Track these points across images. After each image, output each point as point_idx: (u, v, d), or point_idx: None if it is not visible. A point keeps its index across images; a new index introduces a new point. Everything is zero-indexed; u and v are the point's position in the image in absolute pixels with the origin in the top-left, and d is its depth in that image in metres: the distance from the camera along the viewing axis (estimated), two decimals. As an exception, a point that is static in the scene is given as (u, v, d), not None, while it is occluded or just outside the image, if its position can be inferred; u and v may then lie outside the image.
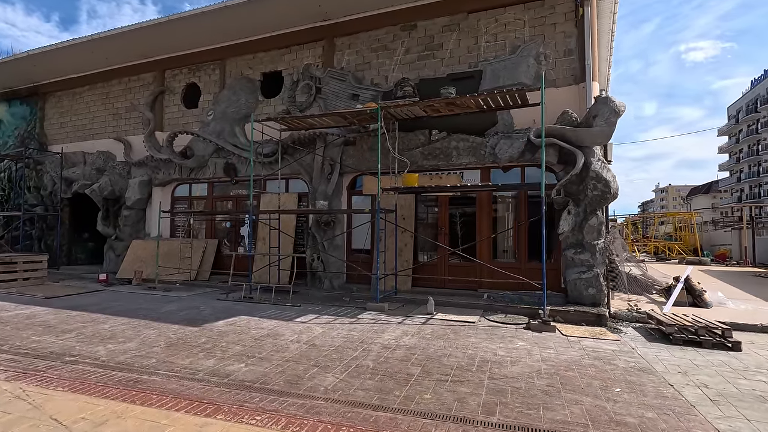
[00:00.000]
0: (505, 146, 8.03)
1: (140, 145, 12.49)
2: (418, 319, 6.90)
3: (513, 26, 8.60)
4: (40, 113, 14.59)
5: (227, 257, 11.32)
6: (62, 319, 6.72)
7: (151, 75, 12.55)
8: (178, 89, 12.16)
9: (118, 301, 8.33)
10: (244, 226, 11.14)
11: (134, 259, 11.49)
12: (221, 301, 8.42)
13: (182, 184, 12.05)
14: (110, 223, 12.54)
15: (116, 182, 12.52)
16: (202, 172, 11.26)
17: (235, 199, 11.33)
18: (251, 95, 10.94)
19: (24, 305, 7.90)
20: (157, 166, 11.83)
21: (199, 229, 11.86)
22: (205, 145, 10.93)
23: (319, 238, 9.64)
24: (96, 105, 13.49)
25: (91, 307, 7.76)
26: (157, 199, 12.14)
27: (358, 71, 9.86)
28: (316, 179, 9.84)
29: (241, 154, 10.44)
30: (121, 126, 12.97)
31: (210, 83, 11.68)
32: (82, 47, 11.75)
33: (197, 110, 11.80)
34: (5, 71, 13.70)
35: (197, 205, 11.94)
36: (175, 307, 7.82)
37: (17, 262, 10.09)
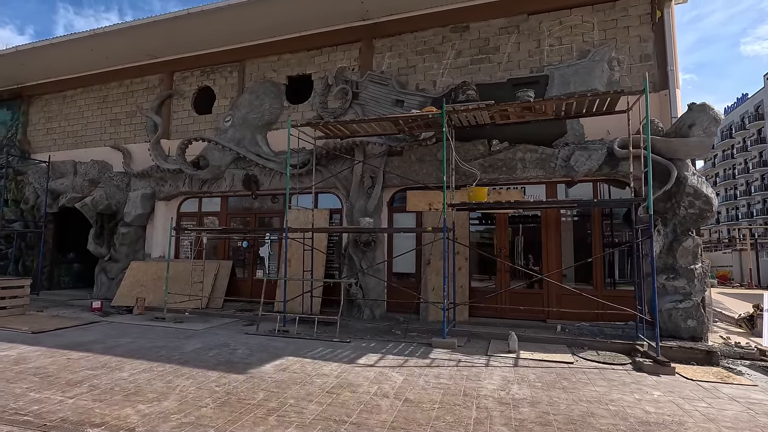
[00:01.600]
0: (582, 158, 7.16)
1: (142, 154, 11.13)
2: (505, 360, 5.77)
3: (580, 29, 7.87)
4: (24, 118, 13.04)
5: (242, 281, 9.99)
6: (63, 365, 5.30)
7: (157, 77, 11.30)
8: (188, 93, 10.95)
9: (125, 337, 6.89)
10: (264, 246, 9.84)
11: (133, 283, 9.99)
12: (251, 336, 7.09)
13: (191, 199, 10.70)
14: (103, 242, 11.01)
15: (113, 195, 11.06)
16: (217, 185, 9.97)
17: (254, 215, 10.05)
18: (276, 100, 9.84)
19: (7, 343, 6.39)
20: (163, 178, 10.47)
21: (208, 250, 10.48)
22: (221, 154, 9.69)
23: (358, 261, 8.47)
24: (91, 109, 12.09)
25: (95, 345, 6.32)
26: (161, 215, 10.74)
27: (401, 75, 8.93)
28: (353, 193, 8.73)
29: (266, 165, 9.25)
30: (120, 133, 11.60)
31: (226, 87, 10.52)
32: (82, 44, 10.45)
33: (211, 116, 10.59)
34: (-14, 70, 12.19)
35: (207, 222, 10.59)
36: (198, 344, 6.46)
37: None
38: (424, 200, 8.51)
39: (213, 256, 10.41)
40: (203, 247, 9.47)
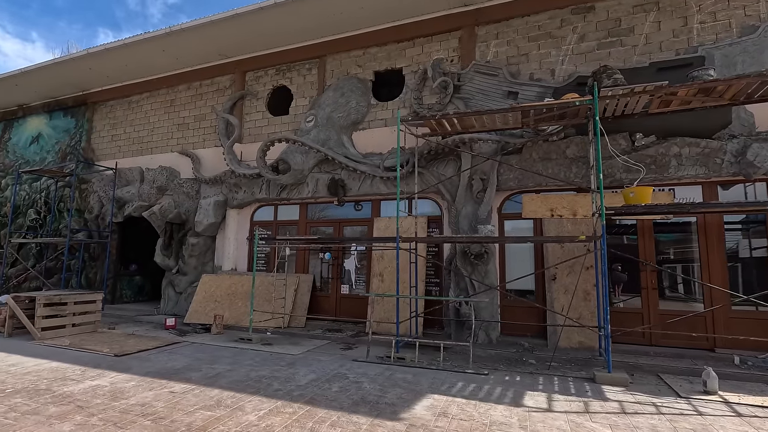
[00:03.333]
0: (765, 152, 5.87)
1: (211, 159, 10.43)
2: (714, 405, 4.49)
3: (740, 2, 6.65)
4: (88, 125, 12.65)
5: (324, 298, 9.00)
6: (169, 401, 4.35)
7: (228, 78, 10.65)
8: (262, 93, 10.22)
9: (220, 363, 5.95)
10: (349, 259, 8.85)
11: (206, 298, 9.15)
12: (363, 363, 6.03)
13: (266, 206, 9.86)
14: (171, 254, 10.28)
15: (182, 203, 10.37)
16: (298, 191, 9.09)
17: (338, 223, 9.10)
18: (362, 98, 8.94)
19: (92, 369, 5.54)
20: (238, 184, 9.69)
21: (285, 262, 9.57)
22: (304, 157, 8.82)
23: (467, 276, 7.35)
24: (157, 114, 11.54)
25: (192, 374, 5.38)
26: (232, 225, 9.94)
27: (510, 65, 7.88)
28: (460, 198, 7.66)
29: (356, 168, 8.29)
30: (188, 138, 10.96)
31: (305, 85, 9.73)
32: (154, 44, 9.90)
33: (287, 117, 9.80)
34: (52, 76, 11.86)
35: (282, 231, 9.70)
36: (310, 374, 5.43)
37: (67, 303, 7.77)
38: (545, 205, 7.35)
39: (290, 270, 9.49)
40: (285, 259, 8.55)
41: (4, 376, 5.19)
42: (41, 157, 13.37)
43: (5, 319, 8.24)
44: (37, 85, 12.46)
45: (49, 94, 13.11)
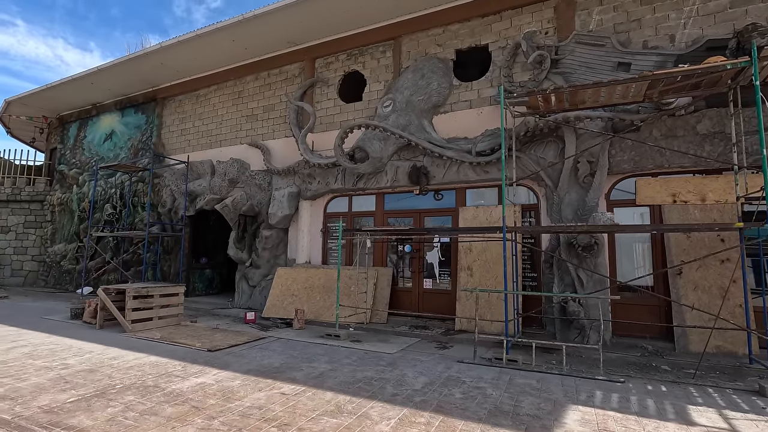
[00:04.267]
0: None
1: (281, 150, 10.20)
2: None
3: None
4: (158, 120, 12.84)
5: (404, 292, 8.53)
6: (284, 404, 3.99)
7: (297, 66, 10.35)
8: (333, 80, 9.84)
9: (317, 362, 5.59)
10: (432, 251, 8.32)
11: (283, 292, 8.93)
12: (470, 365, 5.48)
13: (339, 197, 9.50)
14: (244, 247, 10.16)
15: (253, 195, 10.23)
16: (376, 180, 8.65)
17: (418, 214, 8.58)
18: (444, 78, 8.34)
19: (192, 364, 5.34)
20: (312, 175, 9.38)
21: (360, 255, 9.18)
22: (383, 144, 8.35)
23: (573, 270, 6.61)
24: (225, 106, 11.47)
25: (294, 373, 5.05)
26: (306, 216, 9.66)
27: (619, 33, 7.01)
28: (563, 184, 6.91)
29: (442, 153, 7.71)
30: (257, 129, 10.80)
31: (378, 69, 9.24)
32: (226, 33, 9.74)
33: (361, 103, 9.36)
34: (125, 73, 12.07)
35: (357, 223, 9.31)
36: (421, 377, 4.95)
37: (153, 295, 7.75)
38: (665, 190, 6.48)
39: (366, 263, 9.08)
40: (367, 251, 8.14)
41: (109, 370, 5.07)
42: (115, 154, 13.76)
43: (95, 310, 8.36)
44: (111, 82, 12.76)
45: (121, 92, 13.43)
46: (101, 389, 4.38)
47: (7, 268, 14.96)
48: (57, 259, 14.47)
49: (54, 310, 9.84)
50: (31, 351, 5.92)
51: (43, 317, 8.73)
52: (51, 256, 14.70)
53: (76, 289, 13.48)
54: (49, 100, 14.51)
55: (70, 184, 14.87)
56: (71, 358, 5.56)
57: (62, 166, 15.37)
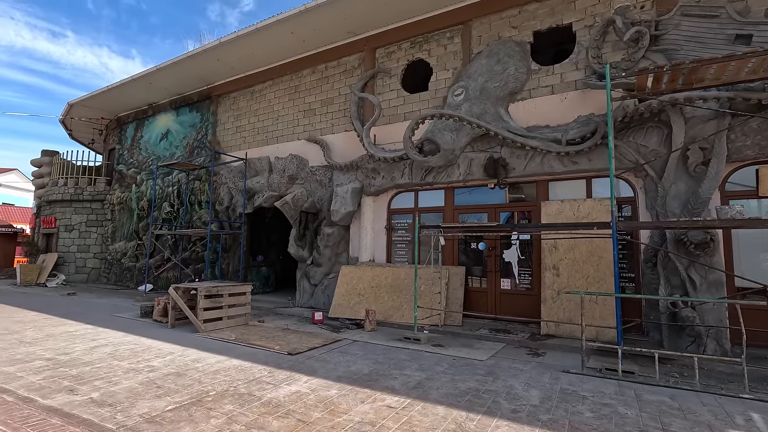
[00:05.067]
0: None
1: (341, 144, 9.89)
2: None
3: None
4: (213, 118, 12.85)
5: (479, 293, 8.01)
6: (396, 419, 3.58)
7: (356, 57, 9.99)
8: (395, 70, 9.41)
9: (407, 369, 5.18)
10: (510, 249, 7.76)
11: (348, 291, 8.61)
12: (580, 376, 4.92)
13: (404, 193, 9.08)
14: (305, 244, 9.93)
15: (314, 192, 9.97)
16: (446, 174, 8.16)
17: (493, 209, 8.03)
18: (521, 63, 7.73)
19: (277, 369, 5.05)
20: (376, 169, 9.00)
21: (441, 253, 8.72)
22: (454, 135, 7.85)
23: (683, 270, 5.88)
24: (281, 102, 11.28)
25: (388, 381, 4.65)
26: (369, 213, 9.30)
27: (734, 2, 6.19)
28: (668, 174, 6.18)
29: (525, 143, 7.13)
30: (315, 124, 10.53)
31: (446, 57, 8.73)
32: (285, 26, 9.50)
33: (426, 93, 8.89)
34: (182, 71, 12.13)
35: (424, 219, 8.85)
36: (532, 390, 4.44)
37: (223, 294, 7.60)
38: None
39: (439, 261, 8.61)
40: (440, 249, 7.68)
41: (195, 374, 4.85)
42: (170, 153, 13.92)
43: (164, 309, 8.33)
44: (167, 81, 12.88)
45: (176, 91, 13.55)
46: (196, 396, 4.14)
47: (71, 265, 15.51)
48: (117, 257, 14.85)
49: (121, 307, 9.96)
50: (113, 351, 5.83)
51: (114, 315, 8.80)
52: (112, 254, 15.11)
53: (137, 286, 13.76)
54: (109, 101, 14.87)
55: (128, 183, 15.22)
56: (155, 360, 5.40)
57: (121, 166, 15.76)
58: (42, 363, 5.19)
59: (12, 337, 6.62)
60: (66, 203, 15.85)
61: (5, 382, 4.47)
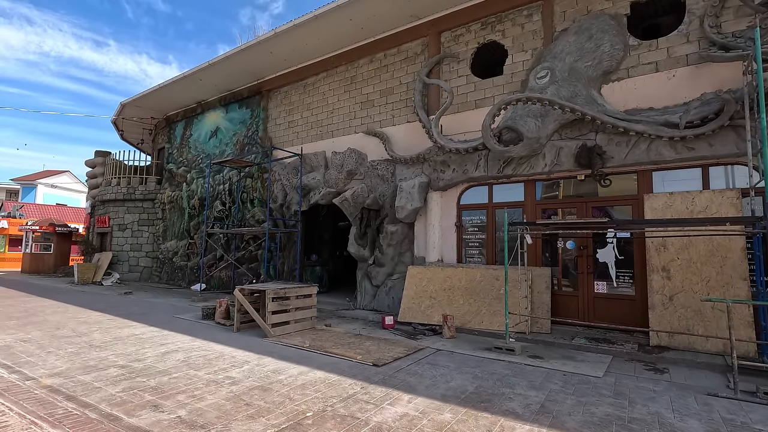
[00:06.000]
0: None
1: (402, 137, 9.28)
2: None
3: None
4: (263, 114, 12.53)
5: (567, 297, 7.20)
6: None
7: (419, 43, 9.34)
8: (463, 55, 8.70)
9: (517, 386, 4.50)
10: (605, 248, 6.92)
11: (418, 294, 8.00)
12: (737, 402, 4.08)
13: (476, 187, 8.37)
14: (366, 243, 9.39)
15: (375, 187, 9.41)
16: (529, 165, 7.40)
17: (583, 203, 7.20)
18: (617, 38, 6.85)
19: (369, 384, 4.48)
20: (446, 162, 8.34)
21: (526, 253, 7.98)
22: (539, 122, 7.07)
23: (841, 273, 4.90)
24: (336, 94, 10.79)
25: (505, 403, 3.98)
26: (436, 209, 8.65)
27: None
28: (819, 159, 5.20)
29: (629, 128, 6.26)
30: (373, 116, 9.97)
31: (523, 36, 7.95)
32: (344, 12, 8.97)
33: (501, 78, 8.14)
34: (234, 66, 11.85)
35: (500, 216, 8.12)
36: (691, 420, 3.65)
37: (290, 297, 7.14)
38: None
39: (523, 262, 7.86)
40: (525, 249, 6.93)
41: (281, 388, 4.35)
42: (220, 150, 13.74)
43: (226, 310, 7.99)
44: (218, 78, 12.67)
45: (226, 87, 13.33)
46: (292, 417, 3.61)
47: (125, 264, 15.68)
48: (169, 256, 14.86)
49: (179, 308, 9.75)
50: (185, 358, 5.45)
51: (175, 316, 8.55)
52: (163, 253, 15.14)
53: (189, 285, 13.67)
54: (159, 100, 14.87)
55: (178, 182, 15.20)
56: (232, 370, 4.96)
57: (170, 165, 15.79)
58: (117, 371, 4.84)
59: (81, 339, 6.40)
60: (119, 203, 16.04)
61: (85, 394, 4.11)
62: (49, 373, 4.74)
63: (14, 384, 4.36)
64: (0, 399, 3.92)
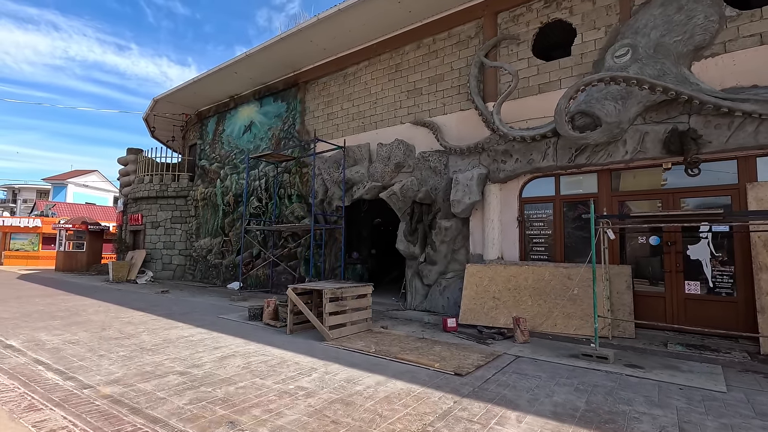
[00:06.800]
0: None
1: (454, 126, 8.69)
2: None
3: None
4: (301, 106, 12.10)
5: (651, 298, 6.51)
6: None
7: (473, 25, 8.73)
8: (524, 36, 8.05)
9: (634, 403, 3.87)
10: (698, 245, 6.20)
11: (479, 294, 7.41)
12: None
13: (541, 178, 7.72)
14: (417, 240, 8.84)
15: (426, 180, 8.85)
16: (606, 153, 6.72)
17: (670, 195, 6.49)
18: (712, 9, 6.12)
19: (463, 399, 3.93)
20: (508, 152, 7.71)
21: (573, 247, 7.32)
22: (619, 105, 6.38)
23: None
24: (380, 83, 10.25)
25: (634, 425, 3.38)
26: (494, 203, 8.03)
27: None
28: None
29: (734, 108, 5.54)
30: (421, 105, 9.40)
31: (595, 13, 7.25)
32: (394, -8, 8.43)
33: (569, 60, 7.47)
34: (271, 57, 11.44)
35: (570, 210, 7.46)
36: None
37: (347, 297, 6.65)
38: None
39: (575, 258, 7.22)
40: (606, 245, 6.26)
41: (365, 401, 3.84)
42: (255, 145, 13.38)
43: (274, 311, 7.56)
44: (253, 70, 12.29)
45: (261, 80, 12.95)
46: (394, 441, 3.10)
47: (158, 262, 15.51)
48: (203, 254, 14.61)
49: (221, 307, 9.40)
50: (245, 364, 5.00)
51: (220, 316, 8.17)
52: (197, 251, 14.90)
53: (224, 284, 13.37)
54: (192, 95, 14.61)
55: (211, 178, 14.94)
56: (301, 379, 4.48)
57: (203, 161, 15.54)
58: (178, 379, 4.41)
59: (130, 342, 6.03)
60: (152, 200, 15.89)
61: (150, 406, 3.68)
62: (106, 381, 4.34)
63: (72, 393, 3.97)
64: (61, 411, 3.52)
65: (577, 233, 7.33)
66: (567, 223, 7.42)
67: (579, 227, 7.28)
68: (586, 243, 7.25)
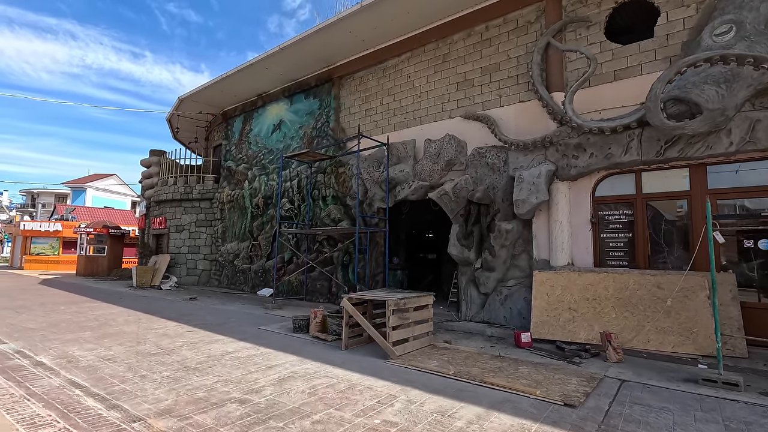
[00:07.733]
0: None
1: (512, 119, 7.95)
2: None
3: None
4: (335, 103, 11.45)
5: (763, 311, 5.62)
6: None
7: (532, 9, 7.98)
8: (595, 17, 7.28)
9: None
10: (823, 249, 5.34)
11: (551, 305, 6.62)
12: None
13: (619, 175, 6.91)
14: (472, 244, 8.09)
15: (482, 178, 8.09)
16: (704, 145, 5.90)
17: (786, 192, 5.65)
18: (837, -24, 5.30)
19: (600, 443, 3.17)
20: (581, 145, 6.93)
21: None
22: (723, 90, 5.57)
23: None
24: (425, 76, 9.54)
25: None
26: (562, 203, 7.24)
27: None
28: None
29: None
30: (474, 97, 8.66)
31: (682, -11, 6.46)
32: (448, -26, 7.74)
33: (651, 41, 6.67)
34: (305, 50, 10.82)
35: (651, 210, 6.64)
36: None
37: (409, 308, 5.91)
38: None
39: (658, 264, 6.39)
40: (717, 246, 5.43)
41: (480, 446, 3.09)
42: (285, 145, 12.77)
43: (322, 323, 6.87)
44: (285, 65, 11.69)
45: (292, 76, 12.35)
46: None
47: (182, 267, 14.98)
48: (230, 258, 14.02)
49: (256, 316, 8.75)
50: (309, 389, 4.29)
51: (261, 328, 7.50)
52: (223, 255, 14.33)
53: (253, 290, 12.75)
54: (218, 93, 14.09)
55: (238, 180, 14.37)
56: (384, 411, 3.74)
57: (229, 162, 15.00)
58: (239, 409, 3.72)
59: (171, 358, 5.38)
60: (176, 203, 15.38)
61: (218, 450, 2.98)
62: (156, 411, 3.67)
63: (121, 428, 3.30)
64: (113, 459, 2.84)
65: (662, 237, 6.50)
66: (652, 224, 6.59)
67: (666, 231, 6.45)
68: (671, 247, 6.43)
